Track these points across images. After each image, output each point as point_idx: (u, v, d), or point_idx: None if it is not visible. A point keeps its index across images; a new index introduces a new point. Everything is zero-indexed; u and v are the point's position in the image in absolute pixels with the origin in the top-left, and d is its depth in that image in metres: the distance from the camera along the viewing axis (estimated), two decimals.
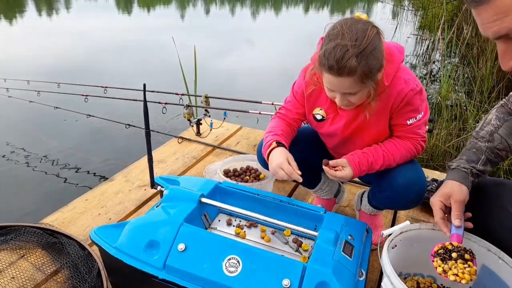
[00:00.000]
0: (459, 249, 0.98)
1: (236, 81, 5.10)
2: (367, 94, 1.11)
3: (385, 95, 1.16)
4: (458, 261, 0.96)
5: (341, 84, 1.05)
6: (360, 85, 1.05)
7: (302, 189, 1.91)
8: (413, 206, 1.29)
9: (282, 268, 1.01)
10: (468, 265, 0.95)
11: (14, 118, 3.72)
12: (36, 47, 6.78)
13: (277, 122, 1.35)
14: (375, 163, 1.21)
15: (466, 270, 0.94)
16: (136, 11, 12.01)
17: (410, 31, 7.26)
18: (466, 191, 1.04)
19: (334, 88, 1.09)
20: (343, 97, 1.10)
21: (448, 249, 0.99)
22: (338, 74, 1.02)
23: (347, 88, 1.06)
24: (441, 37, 4.16)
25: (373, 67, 1.03)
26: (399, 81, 1.14)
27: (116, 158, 2.96)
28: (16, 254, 1.42)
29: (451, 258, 0.97)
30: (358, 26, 1.01)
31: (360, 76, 1.02)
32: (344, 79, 1.03)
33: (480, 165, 1.08)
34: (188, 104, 2.35)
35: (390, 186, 1.25)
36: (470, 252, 0.98)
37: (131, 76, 5.12)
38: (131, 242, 1.13)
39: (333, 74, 1.03)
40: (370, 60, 1.01)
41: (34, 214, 2.12)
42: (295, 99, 1.34)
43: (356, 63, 0.99)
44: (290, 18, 11.04)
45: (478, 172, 1.08)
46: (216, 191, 1.38)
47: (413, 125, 1.20)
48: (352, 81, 1.03)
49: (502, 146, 1.08)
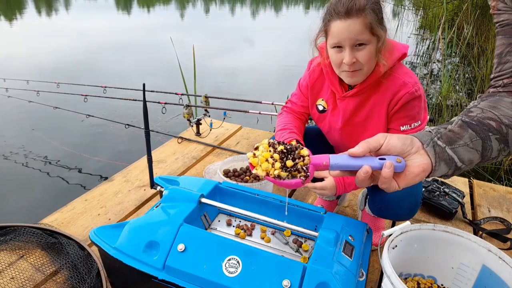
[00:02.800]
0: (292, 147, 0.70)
1: (236, 81, 5.10)
2: (374, 54, 1.08)
3: (381, 92, 1.16)
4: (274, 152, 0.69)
5: (351, 28, 1.04)
6: (368, 32, 1.04)
7: (302, 189, 1.90)
8: (406, 219, 1.26)
9: (282, 268, 1.01)
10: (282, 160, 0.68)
11: (13, 118, 3.72)
12: (36, 47, 6.78)
13: (288, 118, 1.36)
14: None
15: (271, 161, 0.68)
16: (136, 11, 12.01)
17: (410, 31, 7.26)
18: (403, 137, 0.68)
19: (344, 35, 1.05)
20: (351, 52, 1.06)
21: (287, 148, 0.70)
22: (347, 15, 1.03)
23: (357, 33, 1.04)
24: (441, 37, 4.16)
25: (380, 16, 1.05)
26: (398, 81, 1.13)
27: (115, 158, 2.95)
28: (15, 254, 1.41)
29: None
30: None
31: (369, 18, 1.03)
32: (353, 21, 1.03)
33: (455, 126, 0.72)
34: (188, 104, 2.35)
35: (381, 198, 1.25)
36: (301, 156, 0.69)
37: (130, 76, 5.12)
38: (130, 243, 1.12)
39: (342, 17, 1.03)
40: (376, 6, 1.04)
41: (34, 214, 2.11)
42: (300, 92, 1.36)
43: (365, 0, 1.02)
44: (290, 18, 11.04)
45: (450, 134, 0.71)
46: (216, 192, 1.37)
47: (406, 132, 1.16)
48: (361, 23, 1.03)
49: (486, 115, 0.73)
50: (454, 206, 1.67)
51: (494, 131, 0.71)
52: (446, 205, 1.68)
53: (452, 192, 1.74)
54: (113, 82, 3.69)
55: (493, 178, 2.57)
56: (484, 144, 0.70)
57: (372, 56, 1.08)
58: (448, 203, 1.68)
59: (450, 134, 0.70)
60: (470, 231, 1.63)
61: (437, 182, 1.82)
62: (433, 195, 1.73)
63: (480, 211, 1.78)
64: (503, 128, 0.71)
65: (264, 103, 2.32)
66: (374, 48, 1.07)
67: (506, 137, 0.71)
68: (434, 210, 1.71)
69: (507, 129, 0.72)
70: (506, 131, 0.71)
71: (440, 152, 0.67)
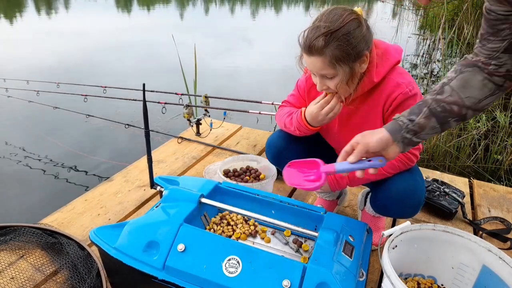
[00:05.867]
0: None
1: (236, 81, 5.10)
2: (344, 82, 1.09)
3: (375, 95, 1.16)
4: None
5: (313, 64, 1.08)
6: (331, 68, 1.05)
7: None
8: (409, 216, 1.27)
9: (282, 268, 1.01)
10: None
11: (13, 118, 3.72)
12: (36, 47, 6.78)
13: (289, 107, 1.37)
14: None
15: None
16: (136, 11, 12.01)
17: (411, 31, 7.26)
18: (380, 139, 0.95)
19: (309, 68, 1.12)
20: (321, 81, 1.12)
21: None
22: (309, 53, 1.06)
23: (319, 68, 1.07)
24: (441, 37, 4.15)
25: (346, 52, 1.03)
26: (391, 83, 1.14)
27: (115, 158, 2.95)
28: (15, 254, 1.41)
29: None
30: (337, 11, 1.05)
31: (330, 57, 1.03)
32: (315, 58, 1.05)
33: (421, 118, 0.94)
34: (188, 104, 2.35)
35: (383, 196, 1.24)
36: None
37: (130, 76, 5.12)
38: (130, 243, 1.12)
39: (306, 53, 1.07)
40: (341, 43, 1.02)
41: (34, 214, 2.11)
42: (298, 94, 1.37)
43: (324, 42, 1.02)
44: (290, 18, 11.04)
45: (416, 128, 0.94)
46: (216, 191, 1.37)
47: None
48: (321, 61, 1.05)
49: (453, 99, 0.92)
50: (454, 206, 1.67)
51: (454, 115, 0.93)
52: (446, 205, 1.68)
53: (452, 192, 1.74)
54: (113, 82, 3.68)
55: (493, 178, 2.57)
56: (443, 127, 0.95)
57: (343, 84, 1.10)
58: (448, 203, 1.68)
59: (416, 128, 0.94)
60: (470, 231, 1.63)
61: (437, 182, 1.82)
62: (433, 195, 1.73)
63: (480, 211, 1.78)
64: (463, 111, 0.92)
65: (264, 103, 2.32)
66: (344, 77, 1.08)
67: (464, 117, 0.94)
68: (434, 210, 1.71)
69: (467, 110, 0.92)
70: (465, 112, 0.93)
71: (407, 142, 0.96)
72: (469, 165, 2.70)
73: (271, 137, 1.42)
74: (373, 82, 1.13)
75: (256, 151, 2.33)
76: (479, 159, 2.74)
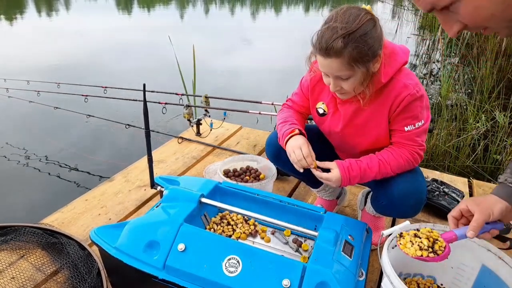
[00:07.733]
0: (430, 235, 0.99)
1: (236, 81, 5.10)
2: (359, 82, 1.09)
3: (382, 96, 1.16)
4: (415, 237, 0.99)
5: (329, 66, 1.07)
6: (349, 69, 1.05)
7: (302, 189, 1.91)
8: (410, 216, 1.27)
9: (282, 268, 1.01)
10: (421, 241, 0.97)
11: (14, 118, 3.72)
12: (36, 47, 6.78)
13: (289, 113, 1.37)
14: (370, 171, 1.19)
15: (416, 242, 0.97)
16: (136, 11, 12.01)
17: (410, 31, 7.26)
18: (501, 209, 0.90)
19: (325, 70, 1.11)
20: (335, 82, 1.11)
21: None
22: (326, 54, 1.04)
23: (336, 70, 1.07)
24: (441, 37, 4.16)
25: (363, 52, 1.03)
26: (398, 84, 1.13)
27: (116, 158, 2.95)
28: (16, 254, 1.41)
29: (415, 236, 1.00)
30: (352, 11, 1.04)
31: (348, 58, 1.02)
32: (332, 60, 1.04)
33: None
34: (188, 104, 2.35)
35: (385, 196, 1.25)
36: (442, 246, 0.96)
37: (131, 76, 5.12)
38: (131, 242, 1.13)
39: (322, 55, 1.05)
40: (359, 44, 1.01)
41: (34, 214, 2.11)
42: (301, 92, 1.37)
43: (343, 43, 1.00)
44: (290, 18, 11.04)
45: None
46: (216, 191, 1.38)
47: (411, 132, 1.17)
48: (339, 63, 1.04)
49: None
50: (453, 206, 1.67)
51: None
52: (445, 205, 1.68)
53: (452, 192, 1.75)
54: (114, 82, 3.68)
55: (492, 178, 2.58)
56: None
57: (357, 84, 1.10)
58: (448, 203, 1.68)
59: None
60: None
61: (437, 182, 1.82)
62: (432, 195, 1.73)
63: None
64: None
65: (264, 103, 2.33)
66: (360, 77, 1.08)
67: None
68: (434, 210, 1.71)
69: None
70: None
71: None
72: (468, 165, 2.70)
73: (270, 136, 1.42)
74: (380, 83, 1.12)
75: (256, 151, 2.33)
76: (479, 159, 2.74)
